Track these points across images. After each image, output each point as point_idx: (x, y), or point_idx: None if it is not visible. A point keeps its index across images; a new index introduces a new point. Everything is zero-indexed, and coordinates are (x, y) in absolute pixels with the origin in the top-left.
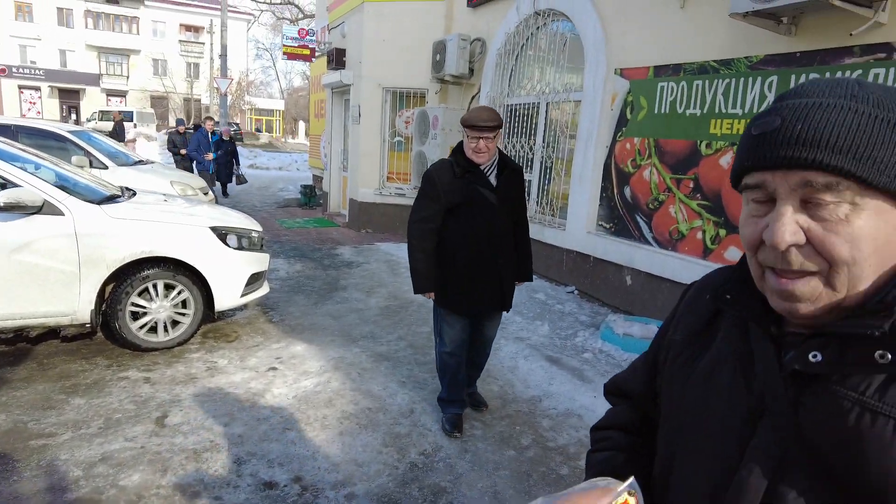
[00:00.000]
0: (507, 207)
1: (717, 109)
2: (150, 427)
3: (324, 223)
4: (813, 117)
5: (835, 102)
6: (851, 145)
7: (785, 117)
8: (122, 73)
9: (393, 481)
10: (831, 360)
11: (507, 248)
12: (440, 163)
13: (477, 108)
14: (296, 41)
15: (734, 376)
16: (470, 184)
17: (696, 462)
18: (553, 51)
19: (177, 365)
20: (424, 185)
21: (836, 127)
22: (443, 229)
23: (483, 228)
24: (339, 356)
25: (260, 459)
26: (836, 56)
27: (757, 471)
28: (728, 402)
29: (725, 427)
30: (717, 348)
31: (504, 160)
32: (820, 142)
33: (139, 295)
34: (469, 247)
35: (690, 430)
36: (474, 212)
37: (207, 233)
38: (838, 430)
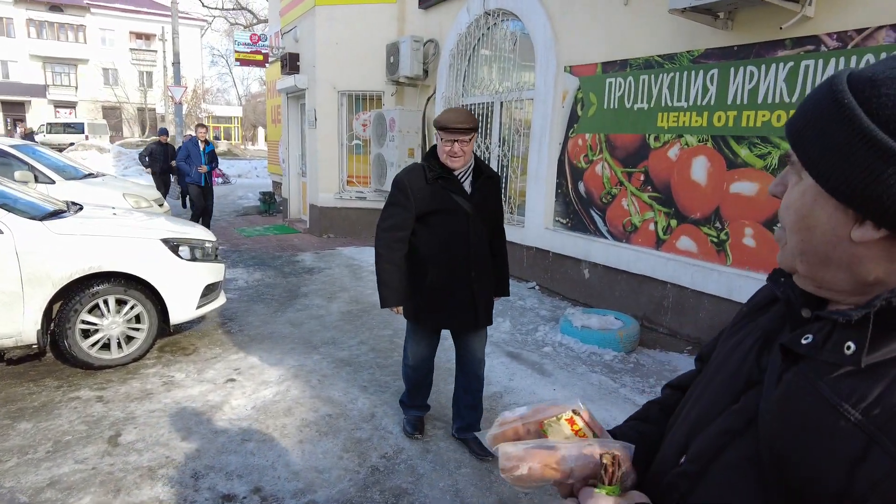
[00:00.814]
0: (483, 216)
1: (664, 103)
2: (103, 447)
3: (284, 230)
4: (813, 96)
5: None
6: (799, 127)
7: (803, 102)
8: (70, 83)
9: (354, 486)
10: (815, 344)
11: (483, 260)
12: (411, 167)
13: (451, 110)
14: (248, 47)
15: (753, 345)
16: (443, 190)
17: (689, 412)
18: (505, 50)
19: (132, 381)
20: (394, 191)
21: (800, 110)
22: (413, 238)
23: (456, 239)
24: (299, 364)
25: (218, 472)
26: (769, 49)
27: (722, 428)
28: (737, 365)
29: (723, 386)
30: (760, 321)
31: (480, 166)
32: (799, 118)
33: (89, 312)
34: (440, 258)
35: (702, 383)
36: (447, 220)
37: (158, 245)
38: (792, 410)
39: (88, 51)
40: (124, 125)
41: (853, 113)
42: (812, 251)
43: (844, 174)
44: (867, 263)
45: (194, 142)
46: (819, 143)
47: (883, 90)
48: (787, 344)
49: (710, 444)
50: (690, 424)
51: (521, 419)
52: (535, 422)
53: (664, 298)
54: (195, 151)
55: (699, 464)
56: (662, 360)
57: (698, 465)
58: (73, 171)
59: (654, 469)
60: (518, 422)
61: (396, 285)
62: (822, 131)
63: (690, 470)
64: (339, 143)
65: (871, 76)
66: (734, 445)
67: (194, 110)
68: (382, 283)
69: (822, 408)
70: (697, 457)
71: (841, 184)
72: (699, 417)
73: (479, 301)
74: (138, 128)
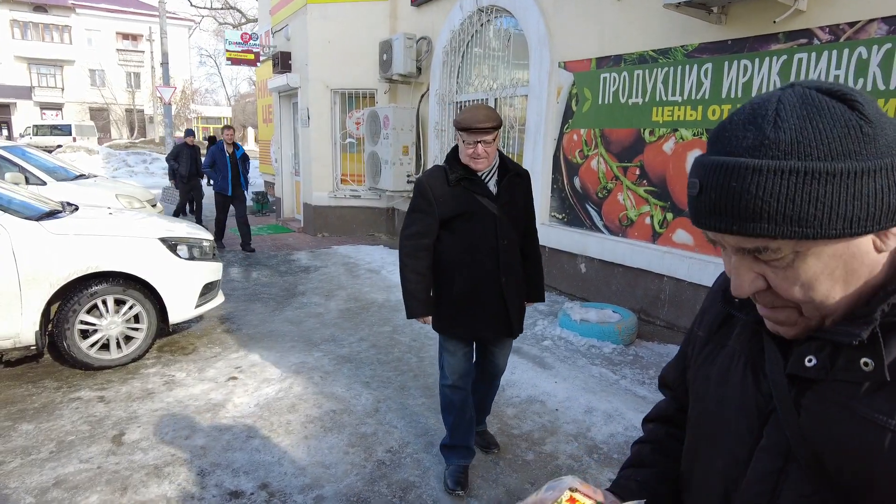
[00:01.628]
0: (512, 218)
1: (658, 97)
2: (107, 446)
3: (278, 229)
4: (726, 185)
5: (746, 163)
6: (770, 214)
7: (703, 183)
8: (56, 84)
9: (361, 480)
10: (824, 366)
11: (513, 265)
12: (433, 170)
13: (472, 108)
14: (239, 46)
15: (745, 373)
16: (466, 192)
17: (713, 458)
18: (498, 47)
19: (132, 381)
20: (415, 197)
21: (748, 195)
22: (437, 245)
23: (483, 243)
24: (301, 361)
25: (224, 469)
26: (763, 43)
27: (762, 471)
28: (740, 398)
29: (738, 424)
30: (732, 346)
31: (505, 163)
32: (735, 213)
33: (88, 312)
34: (468, 265)
35: (709, 425)
36: (473, 225)
37: (157, 244)
38: (832, 436)
39: (74, 52)
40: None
41: (838, 166)
42: (847, 298)
43: (877, 206)
44: (879, 269)
45: (220, 147)
46: (831, 210)
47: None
48: (795, 372)
49: (761, 488)
50: (720, 475)
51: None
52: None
53: (661, 291)
54: (221, 158)
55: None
56: (661, 352)
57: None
58: (63, 172)
59: None
60: None
61: (422, 295)
62: (818, 200)
63: None
64: (332, 141)
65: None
66: (787, 485)
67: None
68: (407, 293)
69: (871, 431)
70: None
71: (877, 216)
72: (727, 465)
73: (512, 309)
74: (126, 129)
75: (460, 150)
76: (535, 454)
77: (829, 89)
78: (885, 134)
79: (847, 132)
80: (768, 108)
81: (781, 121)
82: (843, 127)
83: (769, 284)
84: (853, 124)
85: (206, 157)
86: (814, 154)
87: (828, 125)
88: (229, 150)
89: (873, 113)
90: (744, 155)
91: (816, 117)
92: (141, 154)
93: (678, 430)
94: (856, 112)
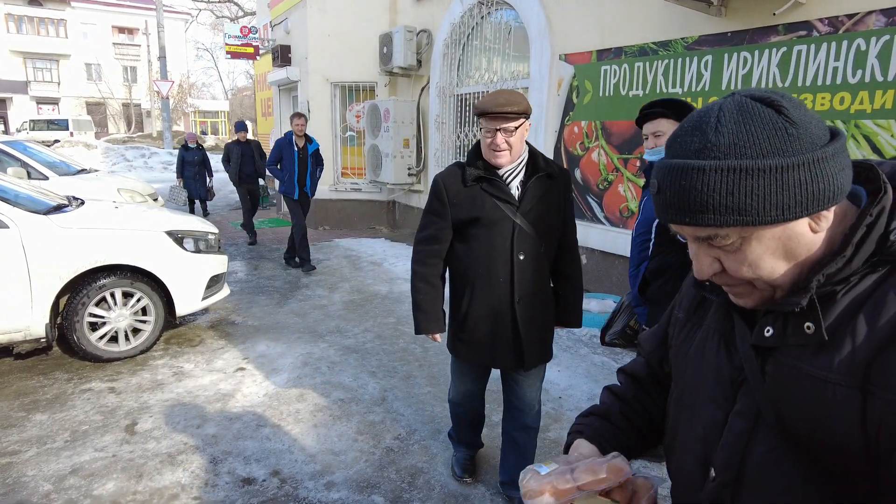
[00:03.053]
0: (537, 226)
1: (658, 89)
2: (121, 435)
3: (279, 223)
4: (677, 184)
5: (692, 164)
6: (715, 206)
7: (660, 183)
8: (53, 79)
9: (370, 467)
10: (779, 334)
11: (534, 285)
12: (452, 167)
13: (495, 92)
14: (238, 39)
15: (718, 349)
16: (483, 194)
17: (693, 425)
18: (499, 39)
19: (142, 373)
20: (430, 196)
21: (695, 191)
22: (450, 254)
23: (499, 256)
24: (307, 352)
25: (236, 457)
26: (762, 35)
27: (736, 432)
28: (715, 371)
29: (714, 393)
30: (707, 325)
31: (536, 161)
32: (686, 207)
33: (96, 305)
34: (479, 281)
35: (688, 398)
36: (487, 232)
37: (163, 237)
38: (788, 395)
39: (70, 46)
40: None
41: (766, 163)
42: (790, 273)
43: (803, 195)
44: (817, 247)
45: (288, 139)
46: (764, 200)
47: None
48: (757, 343)
49: (735, 448)
50: (701, 439)
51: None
52: None
53: None
54: (289, 153)
55: (732, 470)
56: None
57: (733, 472)
58: (65, 167)
59: (680, 493)
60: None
61: (430, 308)
62: (753, 192)
63: (727, 478)
64: (332, 134)
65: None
66: (756, 441)
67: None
68: (415, 305)
69: (816, 385)
70: (727, 464)
71: (804, 203)
72: (706, 429)
73: (526, 337)
74: (124, 124)
75: (481, 142)
76: (541, 440)
77: (760, 97)
78: (809, 132)
79: (775, 133)
80: (711, 115)
81: (721, 126)
82: (772, 129)
83: (724, 267)
84: (780, 126)
85: (271, 152)
86: (748, 153)
87: (759, 128)
88: (299, 144)
89: (797, 115)
90: (691, 157)
91: (750, 122)
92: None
93: (645, 394)
94: (782, 115)
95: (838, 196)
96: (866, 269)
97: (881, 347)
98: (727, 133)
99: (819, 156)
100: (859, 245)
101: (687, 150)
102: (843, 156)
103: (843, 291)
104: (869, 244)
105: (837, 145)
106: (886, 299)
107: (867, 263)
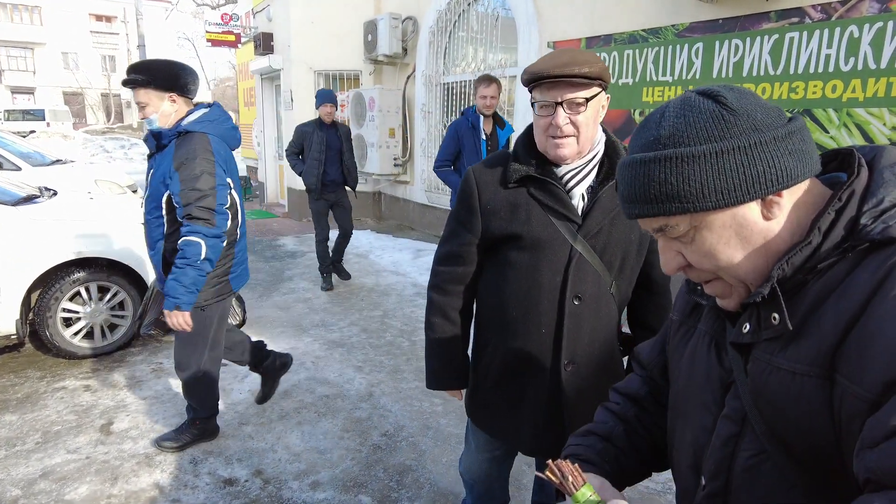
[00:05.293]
0: (607, 256)
1: (649, 78)
2: (95, 436)
3: (262, 214)
4: (627, 177)
5: (637, 157)
6: (656, 195)
7: (619, 180)
8: (28, 67)
9: (357, 465)
10: (754, 329)
11: (591, 343)
12: (496, 157)
13: (552, 52)
14: (219, 27)
15: (709, 351)
16: (531, 200)
17: (685, 431)
18: (486, 27)
19: (119, 369)
20: (458, 196)
21: (638, 182)
22: (476, 283)
23: (539, 295)
24: (291, 347)
25: (217, 457)
26: (754, 21)
27: (724, 436)
28: (705, 375)
29: (704, 397)
30: (700, 328)
31: (613, 160)
32: (634, 198)
33: (70, 300)
34: (506, 327)
35: (681, 403)
36: (527, 259)
37: (141, 229)
38: (766, 392)
39: (45, 33)
40: (88, 111)
41: (701, 149)
42: (751, 262)
43: (740, 179)
44: (779, 233)
45: (471, 118)
46: (701, 185)
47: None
48: (735, 340)
49: (721, 455)
50: (691, 446)
51: None
52: None
53: None
54: (470, 138)
55: (720, 479)
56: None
57: (721, 480)
58: (39, 157)
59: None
60: None
61: (449, 354)
62: (690, 178)
63: (715, 487)
64: None
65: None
66: (742, 447)
67: None
68: (428, 348)
69: (787, 379)
70: (716, 472)
71: (743, 187)
72: (696, 436)
73: (573, 418)
74: (103, 114)
75: (534, 126)
76: None
77: (704, 90)
78: (750, 119)
79: (711, 121)
80: (658, 112)
81: (664, 120)
82: (708, 118)
83: (688, 261)
84: (716, 115)
85: (445, 143)
86: (685, 142)
87: (696, 118)
88: (488, 129)
89: (738, 104)
90: (639, 151)
91: (689, 113)
92: (119, 139)
93: (646, 415)
94: (719, 104)
95: (784, 180)
96: (837, 256)
97: (845, 332)
98: (668, 125)
99: (756, 139)
100: (828, 231)
101: (637, 146)
102: (792, 140)
103: (813, 280)
104: (838, 230)
105: (782, 130)
106: (853, 283)
107: (838, 250)
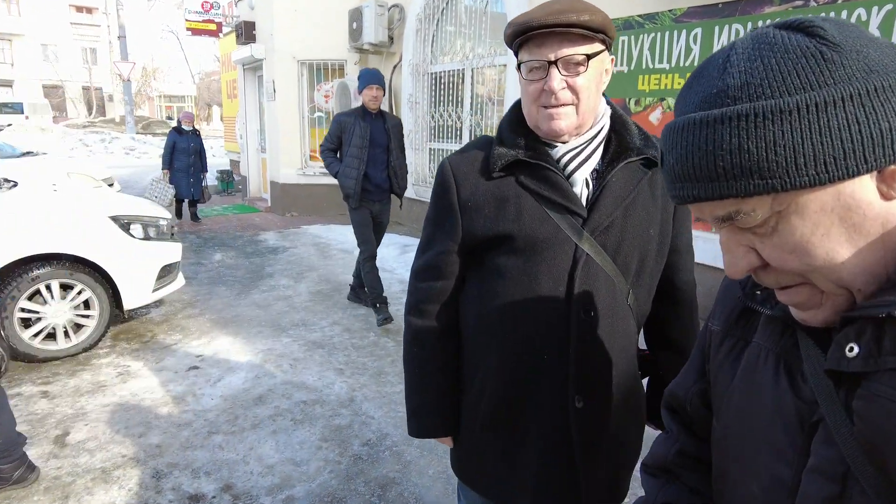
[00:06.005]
0: (623, 258)
1: (644, 65)
2: (48, 448)
3: (244, 209)
4: (679, 146)
5: (693, 118)
6: (726, 169)
7: (666, 151)
8: (5, 59)
9: (336, 478)
10: (869, 353)
11: (607, 369)
12: (475, 144)
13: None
14: (199, 15)
15: (776, 376)
16: (521, 191)
17: (746, 481)
18: (475, 13)
19: (82, 374)
20: (434, 194)
21: (699, 152)
22: (459, 297)
23: (539, 311)
24: (268, 348)
25: (183, 470)
26: (756, 5)
27: (816, 498)
28: (774, 406)
29: (775, 439)
30: (757, 342)
31: (624, 135)
32: (692, 175)
33: (29, 299)
34: (498, 353)
35: (735, 442)
36: (522, 266)
37: (107, 223)
38: (891, 442)
39: (24, 24)
40: (69, 105)
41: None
42: (862, 259)
43: (851, 142)
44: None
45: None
46: (794, 153)
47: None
48: (835, 367)
49: None
50: (760, 502)
51: None
52: None
53: None
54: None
55: None
56: None
57: None
58: (9, 149)
59: None
60: None
61: (430, 393)
62: (777, 143)
63: None
64: (300, 115)
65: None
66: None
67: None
68: (408, 386)
69: None
70: None
71: (856, 154)
72: (766, 490)
73: (587, 466)
74: (84, 107)
75: (522, 97)
76: None
77: (787, 23)
78: (861, 58)
79: (804, 62)
80: (720, 57)
81: (730, 66)
82: (800, 57)
83: (764, 259)
84: (811, 52)
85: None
86: (766, 93)
87: (780, 59)
88: None
89: (840, 36)
90: (694, 111)
91: (768, 53)
92: (99, 133)
93: (690, 482)
94: (815, 38)
95: None
96: None
97: None
98: (737, 73)
99: (873, 85)
100: None
101: (691, 105)
102: None
103: None
104: None
105: None
106: None
107: None
